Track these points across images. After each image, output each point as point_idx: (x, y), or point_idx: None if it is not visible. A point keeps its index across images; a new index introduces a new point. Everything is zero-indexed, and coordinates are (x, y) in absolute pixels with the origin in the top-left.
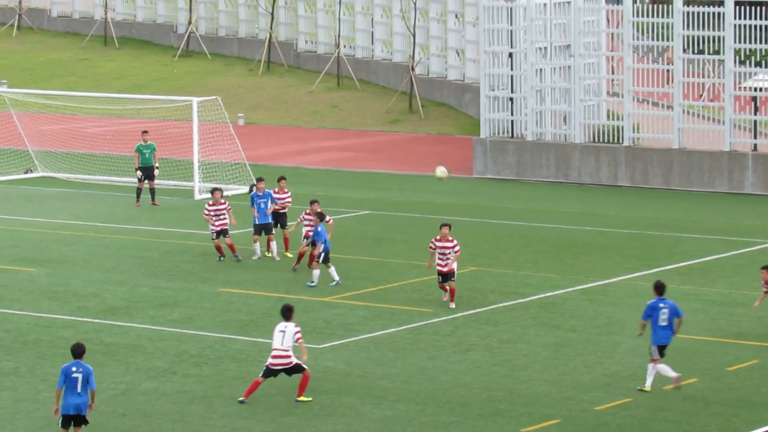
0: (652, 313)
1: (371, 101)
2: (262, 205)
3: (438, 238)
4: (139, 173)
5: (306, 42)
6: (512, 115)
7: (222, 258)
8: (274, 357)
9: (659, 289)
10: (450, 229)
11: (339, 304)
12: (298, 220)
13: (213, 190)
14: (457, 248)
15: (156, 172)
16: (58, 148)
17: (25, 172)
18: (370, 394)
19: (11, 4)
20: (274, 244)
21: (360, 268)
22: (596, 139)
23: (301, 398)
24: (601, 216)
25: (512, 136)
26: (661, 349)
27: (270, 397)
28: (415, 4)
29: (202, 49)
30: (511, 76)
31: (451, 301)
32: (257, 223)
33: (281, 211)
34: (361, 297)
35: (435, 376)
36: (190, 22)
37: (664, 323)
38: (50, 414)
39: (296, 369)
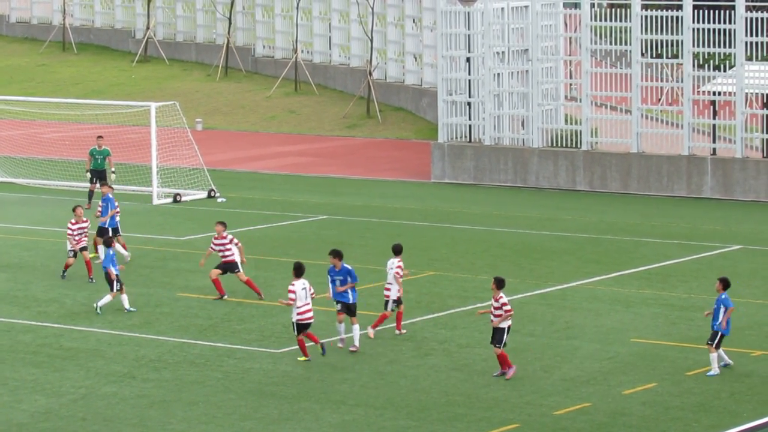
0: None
1: (329, 106)
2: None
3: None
4: (88, 175)
5: (264, 47)
6: (470, 119)
7: (223, 297)
8: (301, 313)
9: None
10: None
11: None
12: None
13: (217, 223)
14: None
15: (112, 176)
16: (17, 153)
17: None
18: (328, 399)
19: None
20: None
21: (318, 272)
22: (554, 144)
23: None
24: (560, 220)
25: (470, 141)
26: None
27: (229, 401)
28: (372, 9)
29: (161, 54)
30: (469, 81)
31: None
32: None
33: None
34: (319, 302)
35: (393, 381)
36: (148, 28)
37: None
38: (10, 418)
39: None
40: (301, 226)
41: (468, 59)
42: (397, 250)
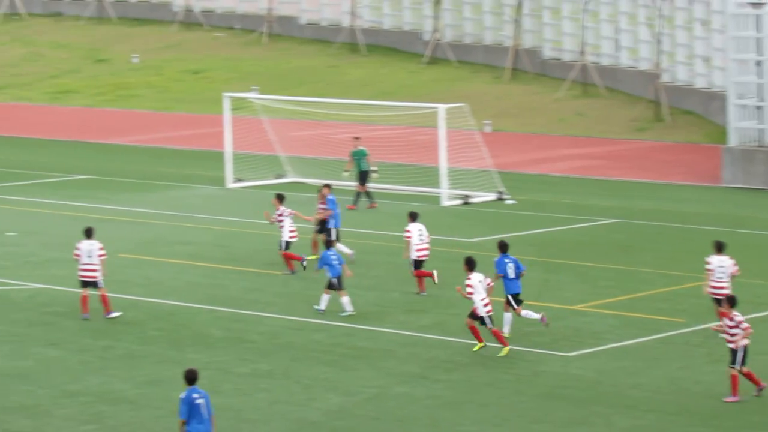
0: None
1: (617, 109)
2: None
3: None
4: (345, 174)
5: (551, 49)
6: (761, 123)
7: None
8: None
9: (503, 247)
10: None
11: (588, 312)
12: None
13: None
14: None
15: (374, 175)
16: (307, 153)
17: (276, 177)
18: (620, 403)
19: (261, 12)
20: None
21: (609, 276)
22: None
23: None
24: None
25: (761, 145)
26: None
27: (520, 404)
28: (660, 11)
29: (448, 56)
30: (760, 84)
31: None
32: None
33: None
34: (610, 306)
35: (686, 387)
36: (436, 30)
37: (512, 275)
38: (304, 416)
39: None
40: (590, 230)
41: (758, 63)
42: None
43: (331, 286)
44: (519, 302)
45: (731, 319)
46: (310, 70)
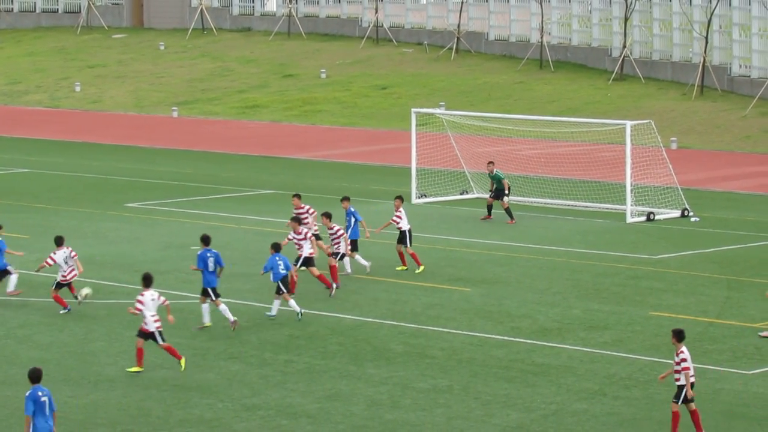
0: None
1: None
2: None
3: None
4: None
5: (740, 66)
6: None
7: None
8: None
9: (206, 240)
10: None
11: None
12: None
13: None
14: None
15: (506, 199)
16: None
17: (461, 193)
18: None
19: (450, 28)
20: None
21: None
22: None
23: None
24: None
25: None
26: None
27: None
28: None
29: (636, 72)
30: None
31: None
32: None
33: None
34: None
35: None
36: (624, 46)
37: (211, 269)
38: (481, 431)
39: None
40: None
41: None
42: None
43: (278, 291)
44: (217, 295)
45: None
46: (497, 86)
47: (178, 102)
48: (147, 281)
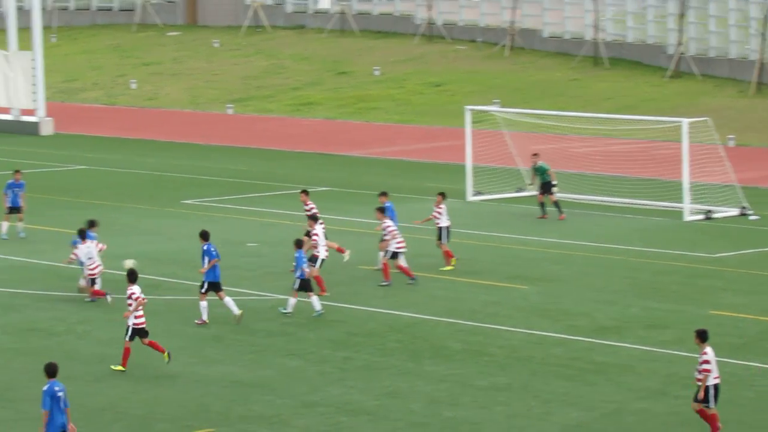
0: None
1: None
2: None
3: None
4: (531, 187)
5: None
6: None
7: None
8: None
9: (204, 236)
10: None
11: None
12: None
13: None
14: None
15: (554, 189)
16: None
17: (517, 191)
18: None
19: (504, 25)
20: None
21: None
22: None
23: None
24: None
25: None
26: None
27: (761, 422)
28: None
29: (692, 69)
30: None
31: None
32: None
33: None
34: None
35: None
36: (680, 43)
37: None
38: (541, 429)
39: None
40: None
41: None
42: None
43: (301, 288)
44: (218, 289)
45: None
46: (552, 83)
47: (233, 99)
48: (132, 277)
